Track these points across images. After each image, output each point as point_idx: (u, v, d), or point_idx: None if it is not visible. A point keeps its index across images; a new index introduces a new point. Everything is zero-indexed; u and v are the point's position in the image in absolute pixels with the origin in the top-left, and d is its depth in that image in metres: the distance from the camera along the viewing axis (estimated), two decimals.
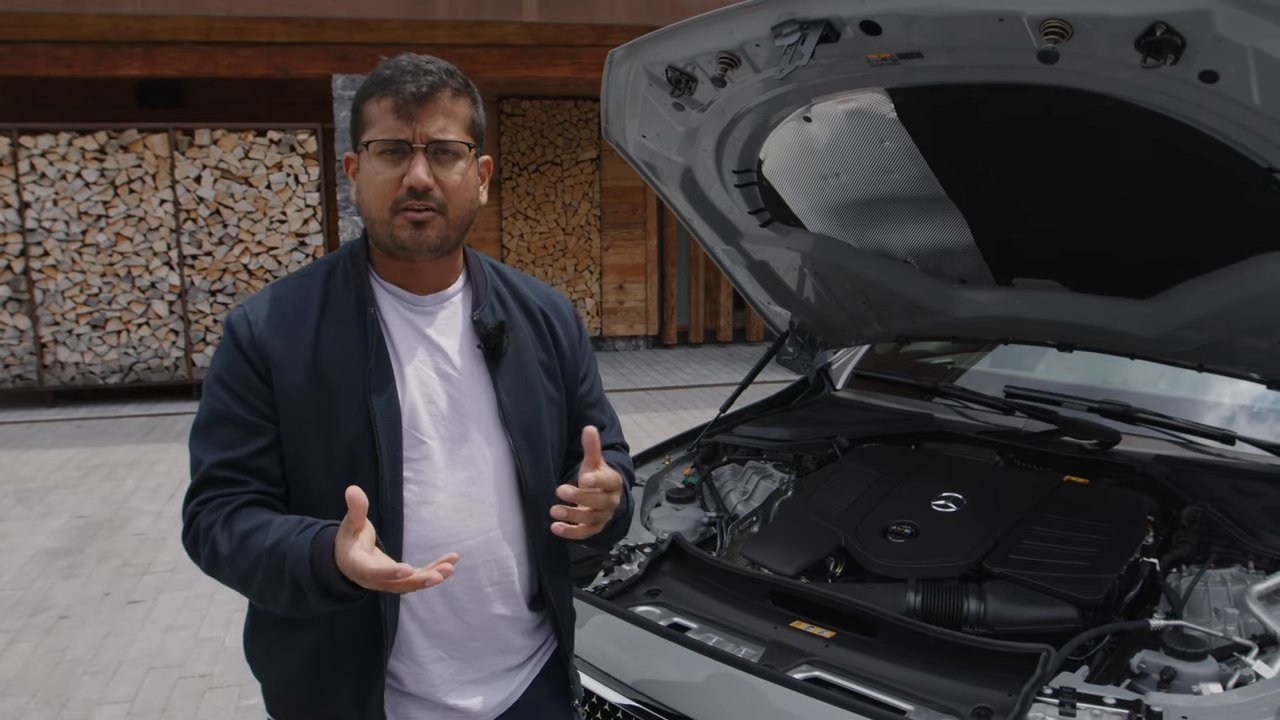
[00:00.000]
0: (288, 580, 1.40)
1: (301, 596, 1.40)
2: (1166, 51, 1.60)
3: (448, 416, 1.59)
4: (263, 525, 1.45)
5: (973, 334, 2.95)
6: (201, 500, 1.50)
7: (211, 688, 3.83)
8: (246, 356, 1.52)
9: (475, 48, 8.48)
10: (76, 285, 8.46)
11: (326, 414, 1.51)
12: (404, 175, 1.49)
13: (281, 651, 1.61)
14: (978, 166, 2.34)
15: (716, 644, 1.97)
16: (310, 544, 1.40)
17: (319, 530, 1.42)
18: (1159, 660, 1.75)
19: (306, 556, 1.39)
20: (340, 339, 1.54)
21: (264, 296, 1.59)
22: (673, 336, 11.58)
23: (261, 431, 1.52)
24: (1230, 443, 2.48)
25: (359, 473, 1.50)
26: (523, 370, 1.67)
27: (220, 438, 1.52)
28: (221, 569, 1.49)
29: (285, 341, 1.53)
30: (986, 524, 2.19)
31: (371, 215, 1.54)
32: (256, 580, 1.44)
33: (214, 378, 1.55)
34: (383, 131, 1.50)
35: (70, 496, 6.23)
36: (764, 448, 2.86)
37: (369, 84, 1.54)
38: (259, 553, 1.42)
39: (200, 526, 1.50)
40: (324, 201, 8.77)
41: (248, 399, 1.52)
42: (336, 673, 1.57)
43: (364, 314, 1.56)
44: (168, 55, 8.13)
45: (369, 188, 1.52)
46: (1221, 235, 2.14)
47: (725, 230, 2.87)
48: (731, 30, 2.07)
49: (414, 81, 1.50)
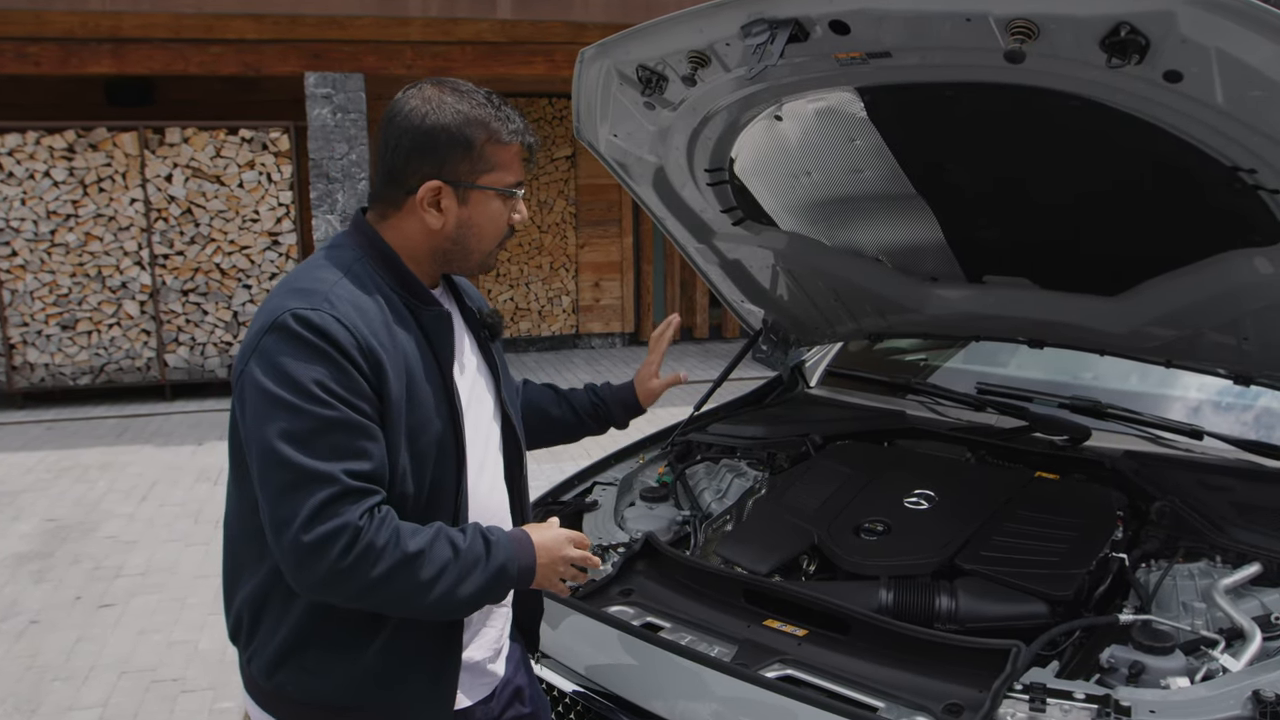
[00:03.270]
0: (492, 574, 1.54)
1: (497, 587, 1.56)
2: (1131, 52, 1.60)
3: (481, 400, 1.75)
4: (437, 537, 1.52)
5: (944, 331, 2.97)
6: (362, 513, 1.44)
7: (185, 691, 3.80)
8: (356, 364, 1.48)
9: (448, 45, 8.43)
10: (46, 286, 8.36)
11: (414, 416, 1.57)
12: (511, 213, 1.68)
13: (338, 658, 1.59)
14: (948, 165, 2.35)
15: (689, 643, 1.97)
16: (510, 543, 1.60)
17: (505, 531, 1.63)
18: (1128, 655, 1.77)
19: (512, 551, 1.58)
20: (414, 342, 1.60)
21: (342, 301, 1.52)
22: (649, 334, 11.56)
23: (378, 439, 1.50)
24: (1198, 438, 2.51)
25: (440, 470, 1.60)
26: (500, 353, 1.86)
27: (341, 446, 1.45)
28: (395, 578, 1.46)
29: (383, 349, 1.52)
30: (958, 521, 2.21)
31: (479, 249, 1.67)
32: (442, 582, 1.49)
33: (314, 384, 1.45)
34: (514, 176, 1.65)
35: (40, 499, 6.16)
36: (738, 446, 2.86)
37: (489, 123, 1.60)
38: (447, 559, 1.50)
39: (374, 543, 1.43)
40: (297, 200, 8.71)
41: (362, 406, 1.48)
42: (411, 662, 1.62)
43: (420, 317, 1.63)
44: (137, 53, 8.03)
45: (491, 226, 1.65)
46: (1187, 233, 2.16)
47: (698, 229, 2.87)
48: (701, 29, 2.06)
49: (529, 133, 1.66)
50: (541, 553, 1.62)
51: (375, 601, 1.49)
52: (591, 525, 2.53)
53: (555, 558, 1.64)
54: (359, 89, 8.41)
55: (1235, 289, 2.15)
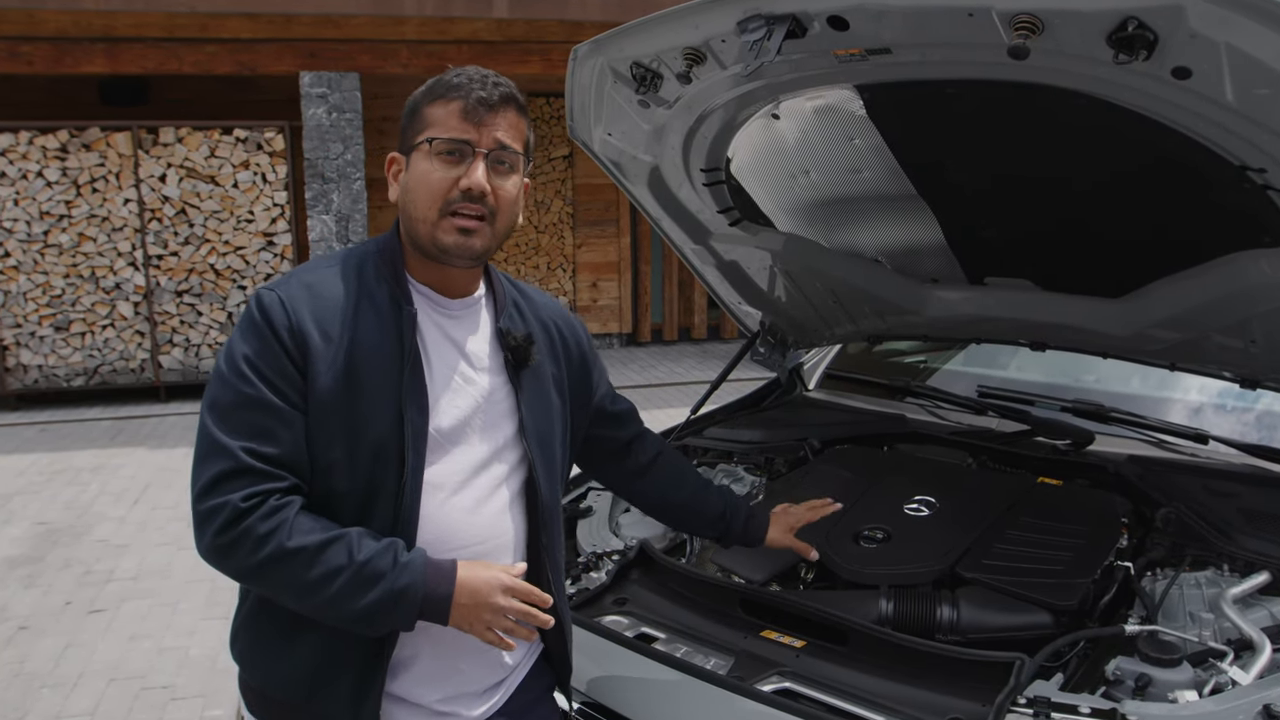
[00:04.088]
0: (382, 594, 1.42)
1: (387, 613, 1.44)
2: (1138, 47, 1.56)
3: (470, 422, 1.60)
4: (339, 537, 1.44)
5: (945, 333, 2.92)
6: (248, 496, 1.41)
7: (175, 699, 3.75)
8: (283, 344, 1.46)
9: (444, 44, 8.39)
10: (39, 287, 8.31)
11: (355, 412, 1.49)
12: (460, 177, 1.50)
13: (278, 649, 1.56)
14: (948, 165, 2.30)
15: (684, 655, 1.92)
16: (423, 567, 1.46)
17: (426, 555, 1.48)
18: (1134, 667, 1.72)
19: (422, 577, 1.45)
20: (374, 336, 1.52)
21: (297, 282, 1.53)
22: (647, 334, 11.54)
23: (293, 422, 1.47)
24: (1204, 442, 2.46)
25: (382, 472, 1.49)
26: (541, 383, 1.70)
27: (251, 424, 1.44)
28: (276, 572, 1.42)
29: (321, 333, 1.49)
30: (959, 528, 2.16)
31: (417, 215, 1.54)
32: (333, 588, 1.41)
33: (242, 358, 1.46)
34: (447, 130, 1.51)
35: (32, 503, 6.10)
36: (735, 450, 2.82)
37: (436, 87, 1.54)
38: (342, 564, 1.42)
39: (254, 529, 1.41)
40: (292, 200, 8.66)
41: (281, 387, 1.46)
42: (334, 674, 1.53)
43: (400, 313, 1.55)
44: (131, 52, 7.99)
45: (421, 186, 1.52)
46: (1194, 233, 2.11)
47: (694, 229, 2.82)
48: (697, 25, 2.02)
49: (483, 88, 1.52)
50: (463, 592, 1.46)
51: (264, 588, 1.48)
52: (586, 532, 2.49)
53: (480, 602, 1.47)
54: (354, 88, 8.36)
55: (1243, 291, 2.10)
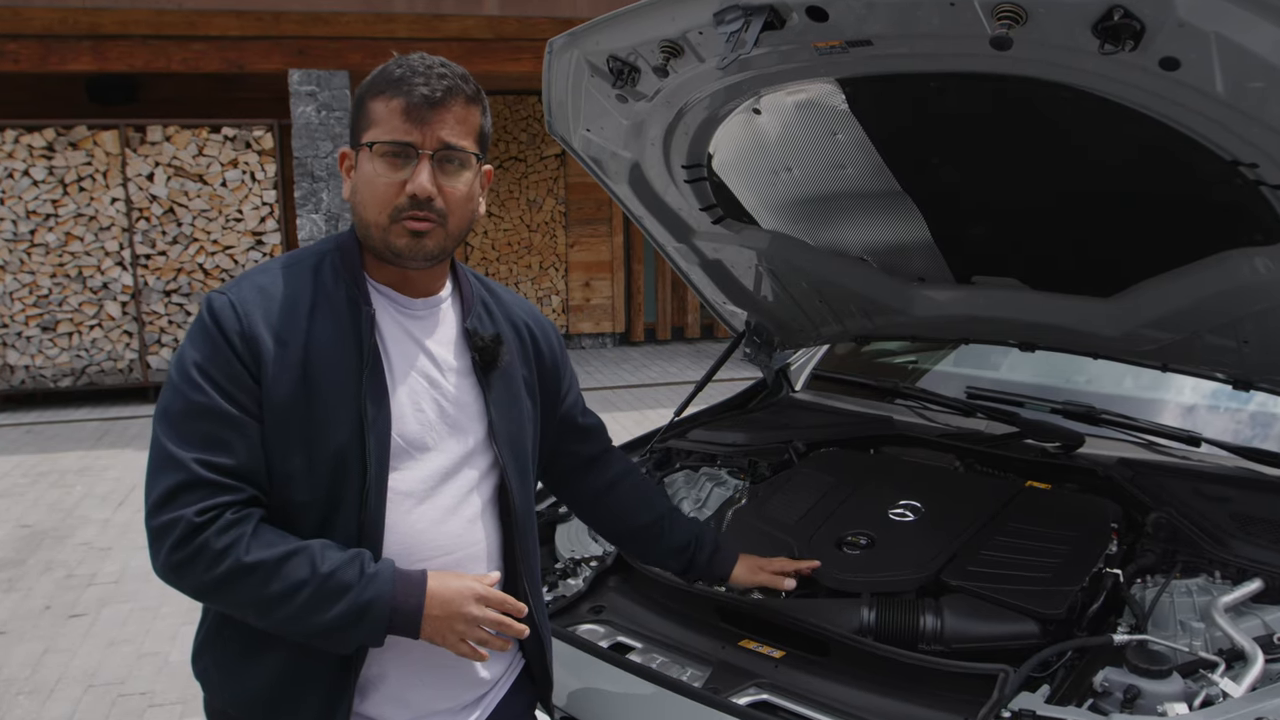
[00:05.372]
0: (347, 608, 1.36)
1: (352, 627, 1.37)
2: (1125, 37, 1.50)
3: (436, 426, 1.53)
4: (300, 550, 1.38)
5: (933, 334, 2.86)
6: (202, 510, 1.35)
7: (152, 705, 3.68)
8: (235, 350, 1.40)
9: (434, 42, 8.31)
10: (25, 286, 8.24)
11: (312, 417, 1.42)
12: (406, 181, 1.43)
13: (240, 668, 1.50)
14: (934, 160, 2.24)
15: (660, 666, 1.87)
16: (392, 578, 1.40)
17: (394, 566, 1.42)
18: (1122, 678, 1.67)
19: (390, 590, 1.38)
20: (332, 339, 1.45)
21: (249, 285, 1.47)
22: (640, 334, 11.48)
23: (248, 431, 1.40)
24: (1195, 445, 2.41)
25: (344, 481, 1.43)
26: (511, 385, 1.64)
27: (203, 434, 1.38)
28: (233, 588, 1.36)
29: (275, 337, 1.42)
30: (945, 534, 2.11)
31: (368, 219, 1.47)
32: (295, 603, 1.35)
33: (193, 365, 1.40)
34: (389, 132, 1.43)
35: (16, 505, 6.03)
36: (718, 453, 2.76)
37: (378, 80, 1.46)
38: (304, 577, 1.35)
39: (210, 544, 1.34)
40: (281, 199, 8.59)
41: (234, 394, 1.40)
42: (299, 694, 1.46)
43: (358, 314, 1.48)
44: (118, 50, 7.91)
45: (368, 190, 1.46)
46: (1185, 231, 2.06)
47: (677, 227, 2.77)
48: (673, 17, 1.96)
49: (427, 84, 1.42)
50: (434, 603, 1.40)
51: (223, 605, 1.43)
52: (564, 537, 2.43)
53: (453, 613, 1.41)
54: (344, 86, 8.29)
55: (1235, 290, 2.05)
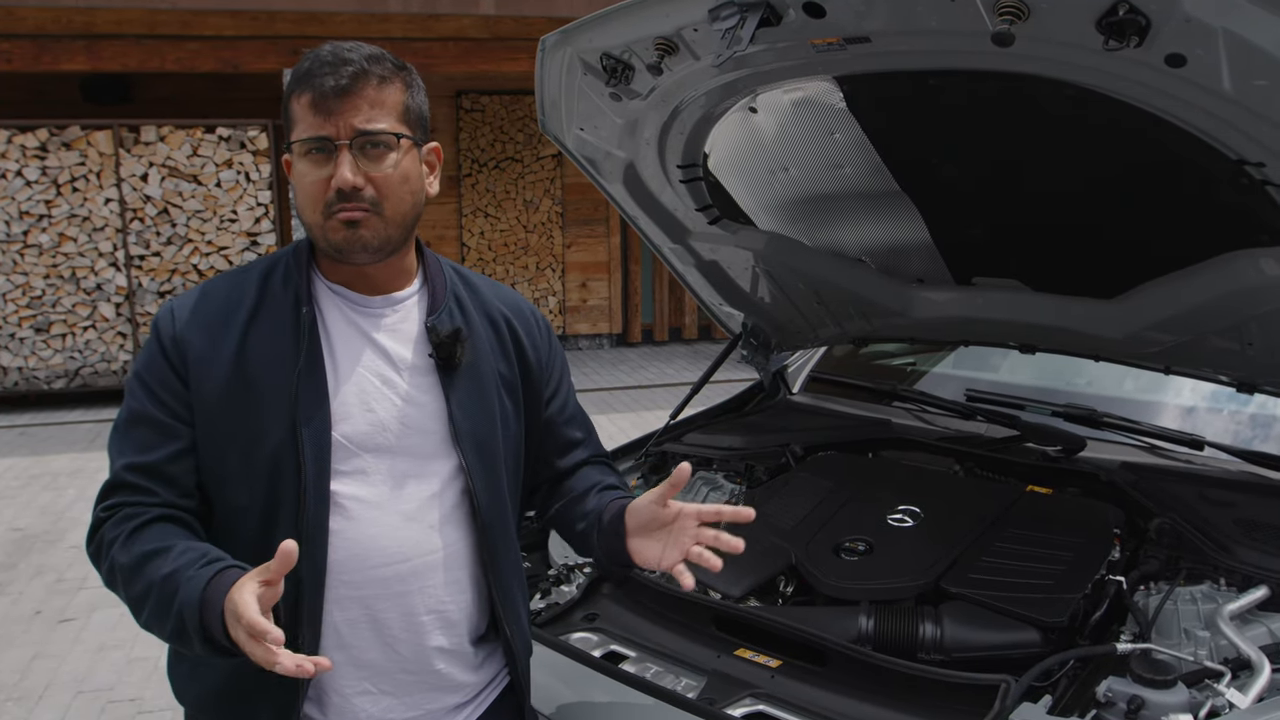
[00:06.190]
0: (174, 615, 1.29)
1: (184, 636, 1.30)
2: (1130, 33, 1.46)
3: (389, 428, 1.47)
4: (164, 549, 1.33)
5: (932, 335, 2.83)
6: (108, 506, 1.40)
7: (142, 712, 3.64)
8: (166, 354, 1.43)
9: (430, 41, 8.28)
10: (18, 288, 8.19)
11: (247, 419, 1.40)
12: (331, 176, 1.39)
13: (203, 672, 1.48)
14: (933, 160, 2.21)
15: (654, 675, 1.83)
16: (206, 582, 1.28)
17: (220, 569, 1.30)
18: (1126, 688, 1.63)
19: (198, 595, 1.27)
20: (271, 340, 1.43)
21: (194, 293, 1.50)
22: (637, 335, 11.44)
23: (176, 435, 1.40)
24: (1199, 448, 2.37)
25: (280, 484, 1.39)
26: (478, 381, 1.55)
27: (135, 439, 1.42)
28: (118, 587, 1.39)
29: (207, 340, 1.42)
30: (944, 540, 2.07)
31: (306, 220, 1.45)
32: (147, 607, 1.34)
33: (134, 375, 1.46)
34: (305, 130, 1.39)
35: (7, 508, 5.99)
36: (714, 457, 2.72)
37: (292, 77, 1.43)
38: (154, 579, 1.32)
39: (104, 538, 1.39)
40: (276, 200, 8.55)
41: (164, 399, 1.42)
42: (253, 697, 1.43)
43: (300, 315, 1.44)
44: (112, 49, 7.87)
45: (300, 190, 1.43)
46: (1190, 232, 2.02)
47: (672, 228, 2.73)
48: (668, 14, 1.92)
49: (332, 74, 1.38)
50: (229, 615, 1.23)
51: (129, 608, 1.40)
52: (557, 543, 2.39)
53: (237, 617, 1.21)
54: None
55: (1240, 292, 2.01)
